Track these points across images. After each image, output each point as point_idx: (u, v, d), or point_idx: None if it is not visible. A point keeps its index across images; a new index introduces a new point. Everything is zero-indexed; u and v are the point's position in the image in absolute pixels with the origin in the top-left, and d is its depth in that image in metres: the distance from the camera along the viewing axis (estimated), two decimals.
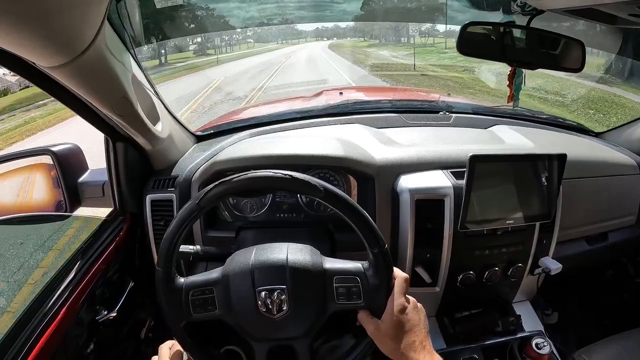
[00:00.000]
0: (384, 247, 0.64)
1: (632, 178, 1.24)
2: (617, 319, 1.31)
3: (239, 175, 0.64)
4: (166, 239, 0.65)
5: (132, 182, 1.04)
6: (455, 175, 0.98)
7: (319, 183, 0.63)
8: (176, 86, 11.11)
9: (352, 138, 1.08)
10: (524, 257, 1.05)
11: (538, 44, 1.01)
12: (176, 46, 16.98)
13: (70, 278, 0.89)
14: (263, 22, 21.20)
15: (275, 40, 27.91)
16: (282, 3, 18.54)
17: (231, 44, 23.33)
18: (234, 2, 17.25)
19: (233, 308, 0.65)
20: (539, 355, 0.99)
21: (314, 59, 17.89)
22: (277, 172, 0.64)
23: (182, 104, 8.38)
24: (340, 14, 20.66)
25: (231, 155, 0.99)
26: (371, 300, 0.64)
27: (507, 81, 1.19)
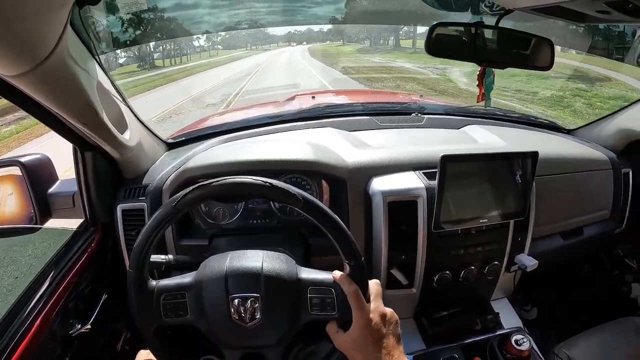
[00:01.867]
0: (361, 259, 0.64)
1: (604, 173, 1.26)
2: (596, 312, 1.33)
3: (218, 180, 0.63)
4: (140, 241, 0.64)
5: (103, 191, 1.02)
6: (428, 176, 0.98)
7: (298, 192, 0.63)
8: (152, 97, 10.59)
9: (324, 142, 1.08)
10: (499, 255, 1.06)
11: (507, 43, 1.03)
12: (147, 53, 16.30)
13: (42, 291, 0.87)
14: (236, 27, 20.83)
15: (248, 46, 27.18)
16: (256, 7, 18.28)
17: (200, 52, 22.64)
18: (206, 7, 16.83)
19: (205, 314, 0.65)
20: (519, 351, 0.99)
21: (293, 63, 17.62)
22: (257, 179, 0.63)
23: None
24: (314, 18, 20.66)
25: (202, 162, 0.98)
26: (345, 312, 0.64)
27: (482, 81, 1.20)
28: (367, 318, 0.62)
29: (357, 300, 0.62)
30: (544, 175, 1.12)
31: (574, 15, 0.97)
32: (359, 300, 0.62)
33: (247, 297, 0.63)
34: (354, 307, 0.62)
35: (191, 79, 14.71)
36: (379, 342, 0.62)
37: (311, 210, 0.64)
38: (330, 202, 1.02)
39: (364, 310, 0.62)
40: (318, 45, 28.34)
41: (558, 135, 1.36)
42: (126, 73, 14.00)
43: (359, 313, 0.62)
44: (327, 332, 0.67)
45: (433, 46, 0.93)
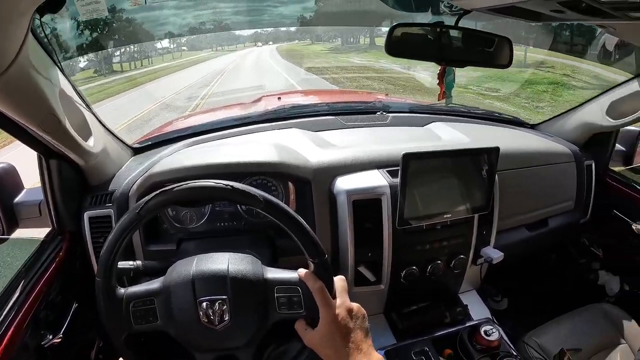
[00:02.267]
0: (324, 257, 0.65)
1: (567, 166, 1.30)
2: (565, 300, 1.37)
3: (179, 185, 0.64)
4: (106, 249, 0.64)
5: (69, 199, 1.01)
6: (391, 173, 1.00)
7: (259, 193, 0.64)
8: (117, 102, 9.97)
9: (288, 143, 1.09)
10: (465, 249, 1.08)
11: (467, 42, 1.05)
12: (110, 57, 15.67)
13: (12, 303, 0.86)
14: (202, 28, 20.28)
15: (214, 47, 26.02)
16: (221, 8, 17.89)
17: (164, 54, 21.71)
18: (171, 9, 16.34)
19: (174, 319, 0.65)
20: (488, 341, 1.02)
21: (261, 63, 17.15)
22: (218, 182, 0.64)
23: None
24: (280, 17, 20.36)
25: (168, 166, 0.98)
26: (312, 310, 0.65)
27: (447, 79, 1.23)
28: (334, 313, 0.63)
29: (323, 296, 0.64)
30: (508, 169, 1.15)
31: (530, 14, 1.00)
32: (325, 297, 0.64)
33: (214, 300, 0.63)
34: (320, 303, 0.64)
35: (157, 82, 14.14)
36: (347, 336, 0.63)
37: (273, 211, 0.64)
38: (296, 203, 1.03)
39: (330, 306, 0.64)
40: (286, 45, 27.38)
41: (521, 130, 1.40)
42: (89, 78, 13.36)
43: (325, 309, 0.63)
44: (296, 330, 0.68)
45: (393, 46, 0.95)
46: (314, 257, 0.65)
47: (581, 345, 1.16)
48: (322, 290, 0.64)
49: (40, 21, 0.77)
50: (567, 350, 1.10)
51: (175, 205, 0.90)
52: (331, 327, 0.63)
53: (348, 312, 0.65)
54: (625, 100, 1.24)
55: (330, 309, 0.63)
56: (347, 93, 3.84)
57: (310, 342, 0.65)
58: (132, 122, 7.49)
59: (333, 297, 0.65)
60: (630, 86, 1.22)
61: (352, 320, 0.65)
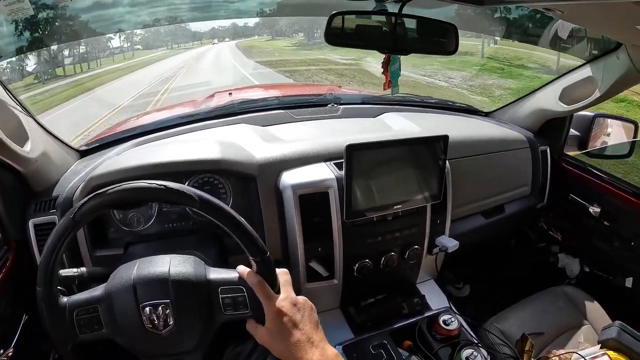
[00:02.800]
0: (266, 254, 0.64)
1: (522, 152, 1.32)
2: (526, 284, 1.38)
3: (112, 187, 0.62)
4: (44, 256, 0.62)
5: (12, 207, 0.97)
6: (339, 166, 0.99)
7: (194, 192, 0.62)
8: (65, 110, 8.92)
9: (235, 139, 1.06)
10: (419, 239, 1.08)
11: (410, 30, 1.04)
12: (58, 61, 14.88)
13: None
14: (155, 25, 19.55)
15: (169, 45, 24.72)
16: (176, 4, 17.40)
17: (113, 55, 20.67)
18: (123, 5, 15.76)
19: (119, 326, 0.63)
20: (447, 331, 1.02)
21: (222, 63, 16.66)
22: (151, 182, 0.62)
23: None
24: (236, 13, 19.93)
25: (109, 168, 0.95)
26: (258, 309, 0.64)
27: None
28: (278, 307, 0.62)
29: (263, 290, 0.62)
30: (461, 157, 1.15)
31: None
32: (266, 291, 0.62)
33: (157, 304, 0.62)
34: (262, 298, 0.62)
35: (109, 86, 13.16)
36: (295, 329, 0.61)
37: (209, 210, 0.63)
38: (243, 200, 1.01)
39: (272, 300, 0.62)
40: (246, 41, 26.03)
41: (475, 118, 1.41)
42: (30, 85, 12.70)
43: (268, 303, 0.62)
44: (247, 329, 0.66)
45: (331, 36, 0.94)
46: (255, 255, 0.63)
47: (544, 328, 1.17)
48: (261, 284, 0.62)
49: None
50: (529, 334, 1.11)
51: (111, 208, 0.87)
52: (277, 322, 0.61)
53: (293, 305, 0.63)
54: (577, 85, 1.26)
55: (272, 303, 0.62)
56: (299, 86, 3.83)
57: (262, 340, 0.64)
58: (92, 132, 7.14)
59: (277, 292, 0.64)
60: (582, 72, 1.24)
61: (299, 312, 0.63)
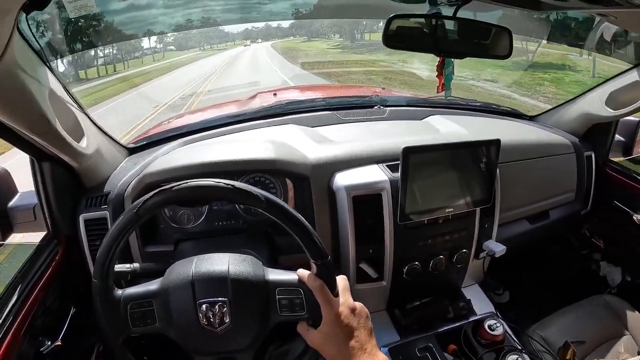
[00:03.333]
0: (327, 258, 0.64)
1: (567, 157, 1.29)
2: (567, 291, 1.36)
3: (179, 184, 0.62)
4: (102, 249, 0.63)
5: (64, 202, 0.99)
6: (391, 168, 0.99)
7: (260, 193, 0.62)
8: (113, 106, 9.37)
9: (285, 139, 1.07)
10: (467, 243, 1.07)
11: (466, 33, 1.04)
12: (97, 59, 15.27)
13: (8, 310, 0.84)
14: (193, 26, 19.75)
15: (202, 46, 24.66)
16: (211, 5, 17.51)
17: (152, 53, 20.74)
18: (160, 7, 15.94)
19: (173, 321, 0.64)
20: (492, 336, 1.01)
21: (256, 60, 16.72)
22: (219, 181, 0.62)
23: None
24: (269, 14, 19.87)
25: (162, 166, 0.96)
26: (314, 312, 0.64)
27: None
28: (336, 312, 0.62)
29: (324, 295, 0.62)
30: (508, 162, 1.14)
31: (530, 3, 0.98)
32: (326, 295, 0.62)
33: (215, 302, 0.62)
34: (321, 302, 0.62)
35: (152, 83, 13.58)
36: (350, 335, 0.62)
37: (274, 211, 0.63)
38: (294, 200, 1.02)
39: (331, 304, 0.62)
40: (281, 42, 25.41)
41: (520, 122, 1.39)
42: (83, 80, 12.94)
43: (327, 308, 0.62)
44: (298, 331, 0.67)
45: (390, 38, 0.94)
46: (317, 258, 0.64)
47: (585, 337, 1.15)
48: (322, 288, 0.63)
49: (27, 19, 0.75)
50: (571, 342, 1.09)
51: (174, 204, 0.89)
52: (334, 326, 0.62)
53: (351, 311, 0.63)
54: (624, 90, 1.23)
55: (332, 308, 0.62)
56: (344, 88, 3.81)
57: (313, 342, 0.64)
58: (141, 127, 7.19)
59: (335, 296, 0.64)
60: (630, 76, 1.21)
61: (356, 319, 0.63)
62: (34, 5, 0.67)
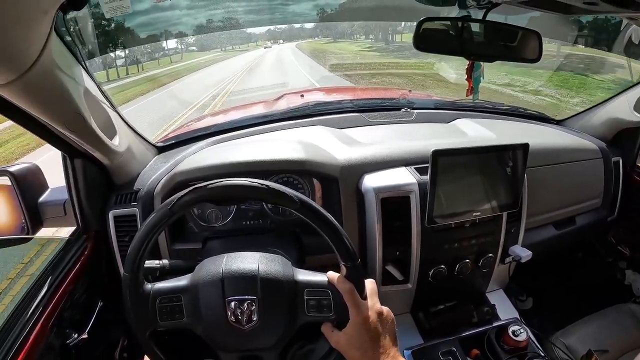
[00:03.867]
0: (357, 261, 0.64)
1: (594, 162, 1.27)
2: (591, 299, 1.34)
3: (213, 182, 0.63)
4: (135, 244, 0.64)
5: (94, 198, 1.01)
6: (419, 171, 0.99)
7: (294, 194, 0.63)
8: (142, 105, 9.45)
9: (314, 140, 1.07)
10: (493, 247, 1.06)
11: (495, 36, 1.03)
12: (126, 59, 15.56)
13: (37, 302, 0.86)
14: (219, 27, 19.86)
15: (223, 47, 24.56)
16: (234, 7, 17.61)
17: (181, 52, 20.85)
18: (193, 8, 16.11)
19: (201, 317, 0.65)
20: (516, 342, 1.00)
21: (281, 62, 16.60)
22: (253, 181, 0.63)
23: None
24: (292, 15, 19.79)
25: (192, 165, 0.97)
26: (341, 314, 0.64)
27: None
28: (364, 315, 0.62)
29: (353, 298, 0.62)
30: (535, 166, 1.13)
31: (560, 7, 0.97)
32: (355, 298, 0.62)
33: (243, 300, 0.63)
34: (350, 304, 0.62)
35: (181, 82, 13.61)
36: (376, 339, 0.62)
37: (307, 212, 0.63)
38: (322, 201, 1.02)
39: (360, 307, 0.62)
40: (307, 43, 24.84)
41: (547, 126, 1.37)
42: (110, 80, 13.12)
43: (355, 311, 0.62)
44: (323, 332, 0.67)
45: (421, 41, 0.93)
46: (347, 260, 0.64)
47: (608, 346, 1.13)
48: (352, 291, 0.63)
49: (64, 19, 0.76)
50: (594, 351, 1.08)
51: (208, 202, 0.90)
52: (360, 329, 0.62)
53: (378, 315, 0.64)
54: None
55: (360, 311, 0.62)
56: (370, 90, 3.78)
57: (338, 344, 0.64)
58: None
59: (363, 299, 0.64)
60: None
61: (382, 323, 0.63)
62: (71, 5, 0.68)
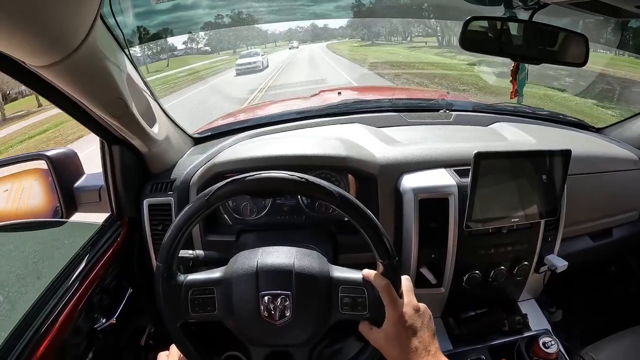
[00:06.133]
0: (395, 259, 0.63)
1: (634, 173, 1.23)
2: (623, 315, 1.30)
3: (252, 174, 0.62)
4: (170, 234, 0.63)
5: (129, 186, 1.02)
6: (459, 173, 0.97)
7: (334, 189, 0.62)
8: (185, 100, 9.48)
9: (353, 137, 1.06)
10: (529, 255, 1.03)
11: (540, 39, 1.00)
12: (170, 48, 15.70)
13: (68, 286, 0.87)
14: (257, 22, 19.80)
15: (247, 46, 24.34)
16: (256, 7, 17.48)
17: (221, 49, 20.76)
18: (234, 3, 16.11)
19: (233, 310, 0.64)
20: (546, 354, 0.97)
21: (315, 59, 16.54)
22: (292, 174, 0.62)
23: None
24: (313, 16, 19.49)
25: (230, 156, 0.97)
26: (376, 312, 0.63)
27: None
28: (400, 312, 0.61)
29: (390, 294, 0.61)
30: (574, 174, 1.10)
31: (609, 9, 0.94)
32: (391, 295, 0.61)
33: (277, 295, 0.62)
34: (387, 301, 0.61)
35: (220, 77, 13.46)
36: (415, 336, 0.60)
37: (347, 208, 0.63)
38: (359, 199, 1.00)
39: (396, 304, 0.61)
40: (337, 44, 23.70)
41: (586, 133, 1.34)
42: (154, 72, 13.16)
43: (392, 307, 0.61)
44: (360, 331, 0.66)
45: (467, 41, 0.92)
46: (385, 258, 0.62)
47: None
48: (388, 288, 0.61)
49: (110, 4, 0.77)
50: None
51: (245, 195, 0.90)
52: (398, 326, 0.60)
53: (415, 311, 0.62)
54: None
55: (397, 308, 0.61)
56: (408, 90, 3.74)
57: (376, 342, 0.63)
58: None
59: (400, 296, 0.63)
60: None
61: (419, 319, 0.62)
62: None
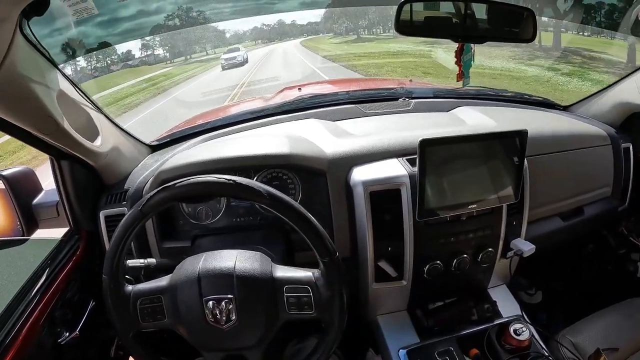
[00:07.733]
0: (335, 255, 0.63)
1: (603, 149, 1.21)
2: (602, 293, 1.28)
3: (181, 181, 0.63)
4: (111, 247, 0.65)
5: (83, 199, 1.02)
6: (411, 162, 0.94)
7: (263, 188, 0.62)
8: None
9: (304, 133, 1.05)
10: (493, 242, 1.01)
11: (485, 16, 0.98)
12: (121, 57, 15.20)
13: (28, 301, 0.87)
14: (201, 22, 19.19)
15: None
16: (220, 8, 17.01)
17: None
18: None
19: (181, 317, 0.65)
20: (518, 341, 0.95)
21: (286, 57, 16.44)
22: (220, 177, 0.63)
23: None
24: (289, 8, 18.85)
25: (178, 162, 0.96)
26: (323, 312, 0.63)
27: None
28: None
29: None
30: (539, 154, 1.07)
31: None
32: None
33: (221, 299, 0.62)
34: None
35: (187, 86, 12.41)
36: None
37: (278, 206, 0.63)
38: (312, 196, 0.99)
39: None
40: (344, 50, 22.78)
41: (553, 112, 1.31)
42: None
43: None
44: None
45: (402, 24, 0.90)
46: (324, 255, 0.63)
47: (619, 344, 1.07)
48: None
49: (28, 24, 0.76)
50: (603, 350, 1.02)
51: (179, 201, 0.90)
52: None
53: None
54: None
55: None
56: (368, 81, 3.73)
57: None
58: None
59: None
60: None
61: None
62: (33, 11, 0.68)
